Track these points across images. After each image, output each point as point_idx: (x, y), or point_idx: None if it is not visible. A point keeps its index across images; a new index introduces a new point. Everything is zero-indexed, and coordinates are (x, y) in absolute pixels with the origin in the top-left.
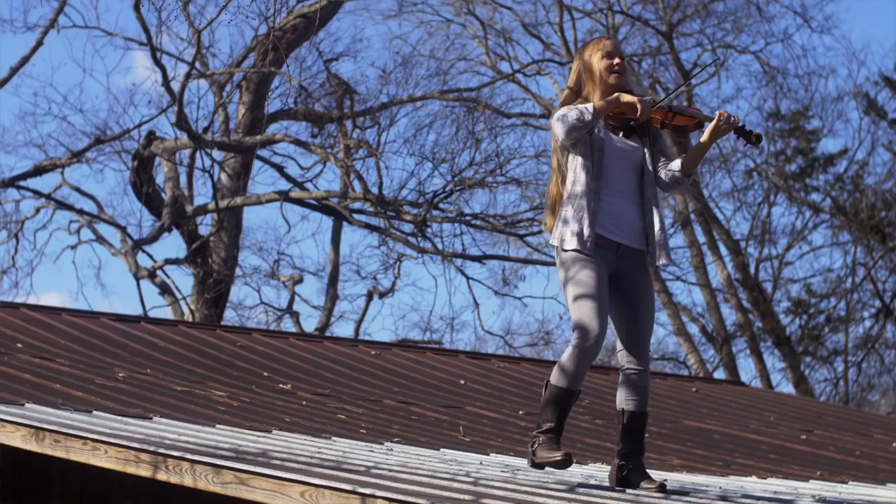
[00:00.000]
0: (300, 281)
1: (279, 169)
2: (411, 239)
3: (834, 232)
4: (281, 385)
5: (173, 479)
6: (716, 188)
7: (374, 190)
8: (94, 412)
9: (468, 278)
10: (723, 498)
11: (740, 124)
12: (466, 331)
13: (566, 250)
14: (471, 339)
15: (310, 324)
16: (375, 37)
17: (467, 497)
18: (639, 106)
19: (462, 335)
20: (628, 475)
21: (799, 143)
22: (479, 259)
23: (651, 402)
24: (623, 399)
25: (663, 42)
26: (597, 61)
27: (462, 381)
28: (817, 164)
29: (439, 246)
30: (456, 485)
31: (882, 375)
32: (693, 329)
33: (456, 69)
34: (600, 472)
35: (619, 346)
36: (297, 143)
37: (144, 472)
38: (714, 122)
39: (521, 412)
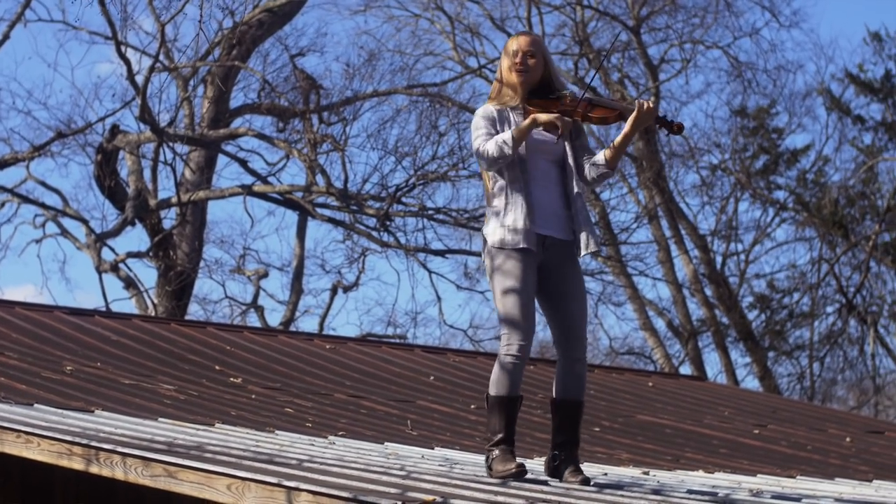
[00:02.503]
0: (265, 275)
1: (243, 163)
2: (375, 233)
3: (797, 227)
4: (232, 379)
5: (105, 473)
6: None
7: (340, 184)
8: (36, 405)
9: (431, 273)
10: (656, 492)
11: (661, 114)
12: (431, 325)
13: (496, 246)
14: (436, 334)
15: (274, 318)
16: (342, 32)
17: (393, 490)
18: (559, 124)
19: (427, 330)
20: (560, 466)
21: (763, 140)
22: (441, 253)
23: (606, 396)
24: (559, 389)
25: (632, 37)
26: (504, 61)
27: (431, 377)
28: (782, 160)
29: (402, 240)
30: (386, 478)
31: (845, 371)
32: (659, 324)
33: (423, 64)
34: (539, 466)
35: (553, 337)
36: (261, 137)
37: (77, 465)
38: (635, 112)
39: (472, 406)
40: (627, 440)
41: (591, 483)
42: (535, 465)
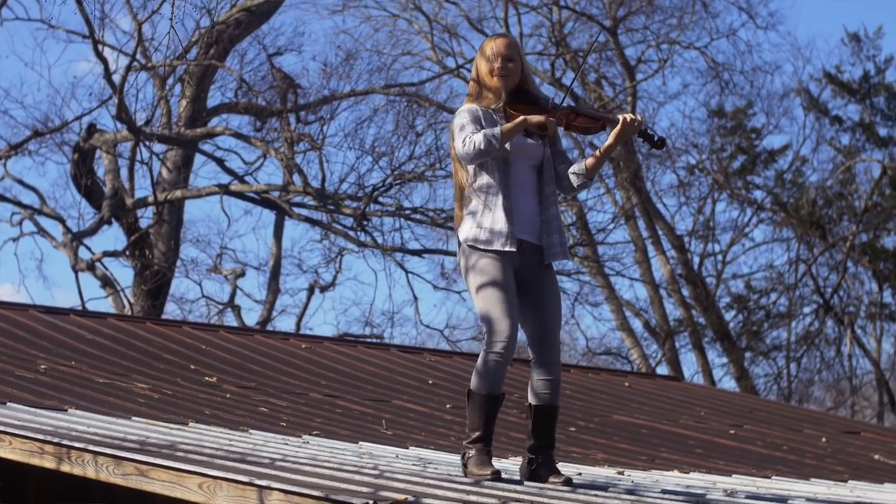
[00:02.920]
0: (242, 275)
1: (220, 162)
2: (352, 233)
3: (775, 228)
4: (206, 378)
5: (76, 471)
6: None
7: (317, 184)
8: (9, 404)
9: (407, 272)
10: (630, 492)
11: (644, 128)
12: (408, 325)
13: (476, 247)
14: (413, 334)
15: (251, 318)
16: (320, 32)
17: (365, 489)
18: (548, 125)
19: (404, 330)
20: (537, 469)
21: (741, 141)
22: (418, 253)
23: (582, 396)
24: (534, 393)
25: (609, 37)
26: (482, 64)
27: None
28: (759, 160)
29: (379, 240)
30: (358, 477)
31: (822, 371)
32: (636, 324)
33: (401, 64)
34: (517, 465)
35: (528, 341)
36: (238, 136)
37: (49, 463)
38: (619, 125)
39: (447, 406)
40: (603, 440)
41: (573, 484)
42: (510, 465)
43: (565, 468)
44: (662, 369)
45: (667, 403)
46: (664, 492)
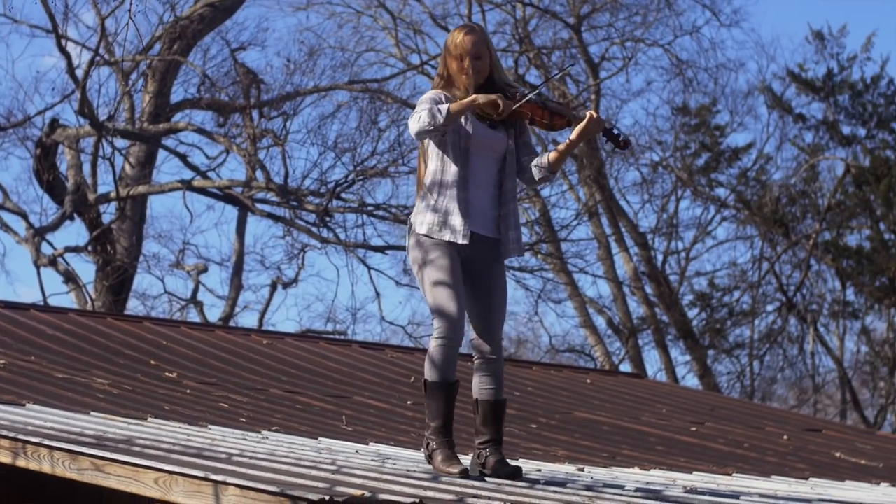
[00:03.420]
0: (205, 270)
1: (183, 158)
2: (314, 229)
3: (738, 226)
4: (167, 374)
5: (32, 466)
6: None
7: (280, 179)
8: None
9: (370, 269)
10: (589, 488)
11: (609, 127)
12: (371, 322)
13: (429, 236)
14: (377, 331)
15: (214, 314)
16: (284, 28)
17: (321, 485)
18: (500, 103)
19: (368, 326)
20: (486, 463)
21: (704, 138)
22: (381, 249)
23: (544, 393)
24: (479, 389)
25: (573, 35)
26: (451, 62)
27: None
28: (723, 158)
29: (342, 236)
30: (315, 473)
31: (785, 369)
32: (599, 322)
33: (365, 60)
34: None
35: (472, 334)
36: (201, 132)
37: (5, 458)
38: (584, 122)
39: (408, 402)
40: (564, 437)
41: (523, 474)
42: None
43: (525, 464)
44: (626, 367)
45: (629, 401)
46: (624, 488)
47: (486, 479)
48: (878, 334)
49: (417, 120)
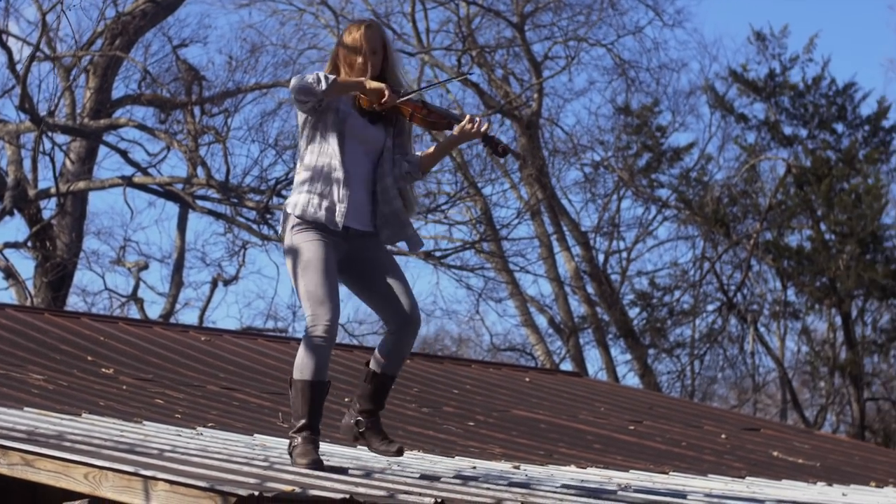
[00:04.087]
0: (145, 267)
1: (124, 154)
2: (255, 226)
3: (680, 225)
4: (103, 369)
5: None
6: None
7: (221, 176)
8: None
9: None
10: (524, 485)
11: (489, 133)
12: None
13: (301, 220)
14: None
15: (154, 310)
16: (226, 26)
17: (252, 480)
18: (386, 93)
19: None
20: (364, 433)
21: (646, 139)
22: None
23: (482, 391)
24: (379, 362)
25: (516, 33)
26: (345, 55)
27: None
28: (665, 158)
29: None
30: (247, 469)
31: (725, 369)
32: (541, 320)
33: (307, 58)
34: (413, 458)
35: (380, 316)
36: (142, 128)
37: None
38: (464, 123)
39: (346, 399)
40: (501, 435)
41: (404, 454)
42: (407, 458)
43: (461, 462)
44: (567, 366)
45: (567, 399)
46: (559, 486)
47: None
48: (818, 334)
49: (301, 78)
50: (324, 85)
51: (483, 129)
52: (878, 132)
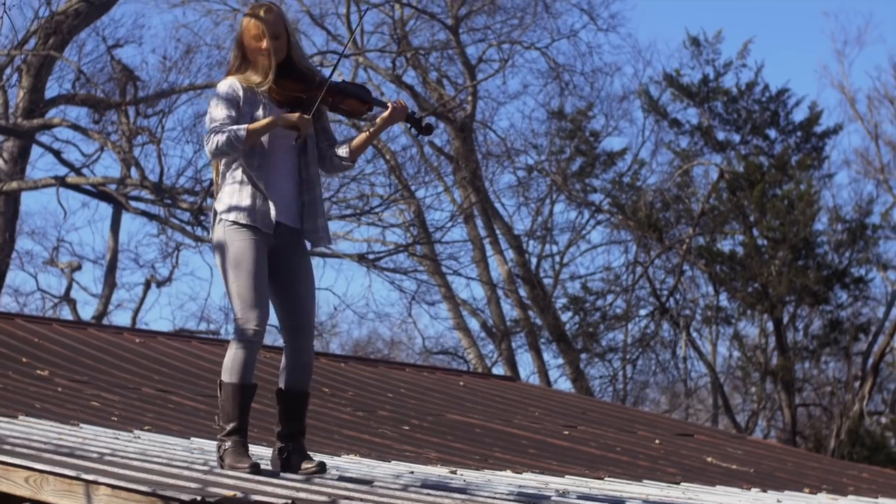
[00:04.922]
0: (78, 268)
1: (57, 154)
2: (189, 227)
3: (613, 230)
4: (38, 371)
5: None
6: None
7: (155, 177)
8: None
9: None
10: (462, 491)
11: (412, 112)
12: None
13: (236, 221)
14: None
15: (87, 311)
16: (160, 25)
17: (193, 485)
18: (301, 128)
19: None
20: (289, 458)
21: (580, 143)
22: None
23: (415, 395)
24: (285, 379)
25: (450, 36)
26: (247, 39)
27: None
28: (598, 162)
29: None
30: (188, 473)
31: (657, 374)
32: (473, 324)
33: None
34: (349, 463)
35: (280, 325)
36: (76, 128)
37: None
38: (388, 111)
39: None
40: (436, 439)
41: (327, 469)
42: (343, 463)
43: (398, 467)
44: (499, 369)
45: (501, 403)
46: (496, 491)
47: (298, 473)
48: (750, 340)
49: (214, 145)
50: (240, 146)
51: (406, 110)
52: (810, 138)
